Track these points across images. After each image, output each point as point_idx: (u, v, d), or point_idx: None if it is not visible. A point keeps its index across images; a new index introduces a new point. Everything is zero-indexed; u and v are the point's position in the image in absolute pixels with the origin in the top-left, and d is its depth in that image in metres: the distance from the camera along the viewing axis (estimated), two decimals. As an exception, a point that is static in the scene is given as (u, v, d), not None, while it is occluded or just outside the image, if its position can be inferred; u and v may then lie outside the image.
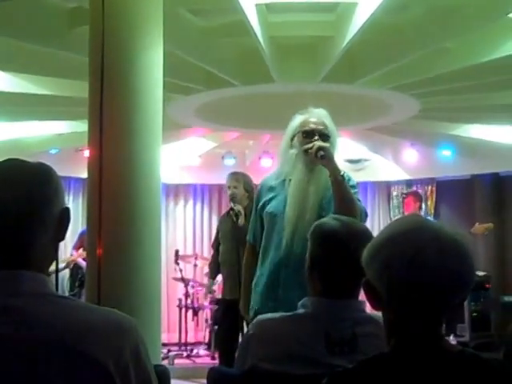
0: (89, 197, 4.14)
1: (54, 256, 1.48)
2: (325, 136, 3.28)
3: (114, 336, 1.39)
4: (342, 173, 3.17)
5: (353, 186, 3.26)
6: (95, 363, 1.34)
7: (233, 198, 5.69)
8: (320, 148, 3.16)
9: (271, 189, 3.38)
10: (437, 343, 1.43)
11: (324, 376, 1.46)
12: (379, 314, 1.53)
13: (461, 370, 1.38)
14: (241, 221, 5.52)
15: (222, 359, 5.68)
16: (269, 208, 3.33)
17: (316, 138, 3.23)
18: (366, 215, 3.32)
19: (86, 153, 4.42)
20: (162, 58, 4.19)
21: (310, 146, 3.20)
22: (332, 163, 3.17)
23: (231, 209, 5.69)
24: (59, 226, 1.45)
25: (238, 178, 5.81)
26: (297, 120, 3.40)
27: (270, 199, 3.35)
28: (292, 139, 3.36)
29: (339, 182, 3.13)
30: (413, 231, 1.45)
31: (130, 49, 4.06)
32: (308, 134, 3.27)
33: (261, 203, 3.41)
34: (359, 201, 3.26)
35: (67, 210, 1.47)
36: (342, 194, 3.11)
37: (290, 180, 3.29)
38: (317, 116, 3.37)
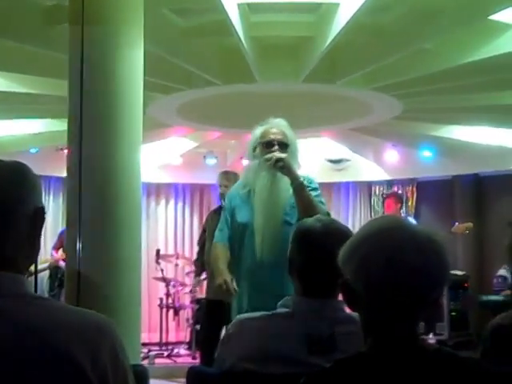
0: (68, 197, 4.12)
1: (32, 256, 1.47)
2: (284, 145, 3.42)
3: (92, 337, 1.38)
4: (301, 180, 3.30)
5: (315, 189, 3.41)
6: (73, 364, 1.33)
7: (223, 197, 5.64)
8: (278, 159, 3.28)
9: (239, 198, 3.49)
10: (413, 342, 1.43)
11: (303, 375, 1.47)
12: None
13: (437, 369, 1.39)
14: None
15: (204, 360, 5.65)
16: (238, 218, 3.44)
17: (276, 147, 3.35)
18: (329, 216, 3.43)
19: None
20: (142, 56, 4.17)
21: (269, 156, 3.32)
22: (291, 172, 3.30)
23: (221, 207, 5.67)
24: (33, 225, 1.44)
25: (228, 177, 5.79)
26: (257, 131, 3.50)
27: (239, 209, 3.47)
28: (254, 150, 3.47)
29: (300, 190, 3.28)
30: (389, 230, 1.46)
31: (109, 47, 4.04)
32: (268, 145, 3.39)
33: (230, 213, 3.52)
34: (322, 203, 3.41)
35: (42, 209, 1.46)
36: (304, 201, 3.26)
37: (254, 190, 3.42)
38: (276, 126, 3.50)
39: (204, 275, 6.30)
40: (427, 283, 1.41)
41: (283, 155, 3.33)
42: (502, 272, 7.94)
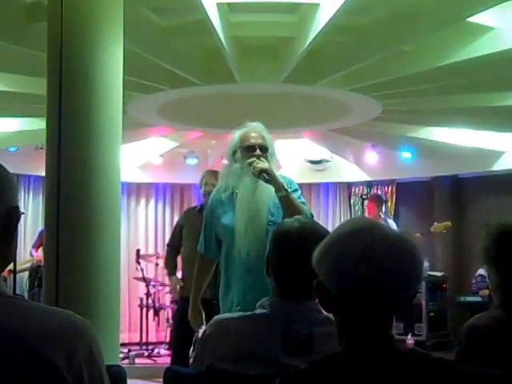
0: (47, 196, 4.10)
1: (8, 256, 1.46)
2: (264, 149, 3.44)
3: (67, 337, 1.38)
4: (285, 187, 3.34)
5: (295, 190, 3.44)
6: (48, 364, 1.33)
7: (208, 195, 5.64)
8: (262, 170, 3.31)
9: (222, 202, 3.51)
10: (387, 343, 1.44)
11: (280, 376, 1.46)
12: None
13: (410, 370, 1.40)
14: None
15: (176, 359, 5.60)
16: (224, 221, 3.46)
17: (257, 151, 3.39)
18: (312, 216, 3.48)
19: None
20: (121, 55, 4.16)
21: (252, 160, 3.35)
22: (275, 181, 3.33)
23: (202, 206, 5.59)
24: (7, 224, 1.43)
25: (216, 176, 5.77)
26: (236, 135, 3.52)
27: (223, 212, 3.49)
28: (234, 154, 3.49)
29: (286, 198, 3.32)
30: (361, 230, 1.47)
31: (89, 46, 4.02)
32: (249, 149, 3.42)
33: (214, 217, 3.54)
34: (304, 203, 3.47)
35: (16, 208, 1.45)
36: (290, 207, 3.29)
37: (236, 193, 3.45)
38: (255, 130, 3.50)
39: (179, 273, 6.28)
40: (399, 283, 1.42)
41: (266, 165, 3.35)
42: (481, 271, 8.02)
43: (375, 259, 1.40)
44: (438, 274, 8.96)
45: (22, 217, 1.59)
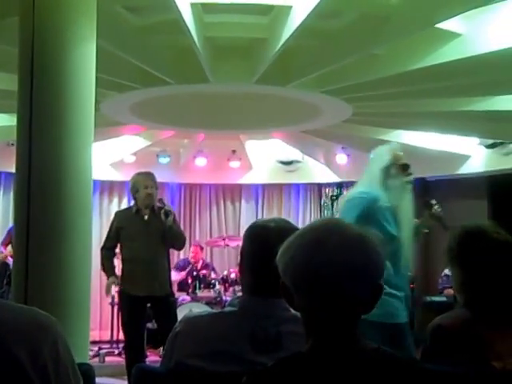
0: (17, 193, 4.08)
1: None
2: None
3: (32, 335, 1.39)
4: None
5: None
6: (11, 361, 1.34)
7: (152, 198, 5.76)
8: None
9: (382, 210, 3.89)
10: (351, 342, 1.46)
11: (248, 373, 1.50)
12: None
13: (374, 368, 1.43)
14: (170, 220, 5.64)
15: (129, 360, 5.53)
16: (389, 229, 3.87)
17: (410, 171, 3.99)
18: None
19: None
20: (94, 53, 4.16)
21: (410, 178, 4.01)
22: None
23: (139, 209, 5.78)
24: None
25: (153, 178, 5.89)
26: (385, 152, 4.07)
27: (385, 220, 3.89)
28: (387, 169, 3.98)
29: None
30: (321, 228, 1.51)
31: (61, 43, 4.02)
32: (404, 167, 4.01)
33: (373, 219, 3.82)
34: None
35: None
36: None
37: (397, 206, 3.95)
38: (399, 150, 4.07)
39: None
40: (354, 279, 1.44)
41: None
42: (447, 271, 8.13)
43: (328, 254, 1.42)
44: (406, 274, 9.05)
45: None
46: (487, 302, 2.18)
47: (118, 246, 5.94)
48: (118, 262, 6.13)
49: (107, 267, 6.01)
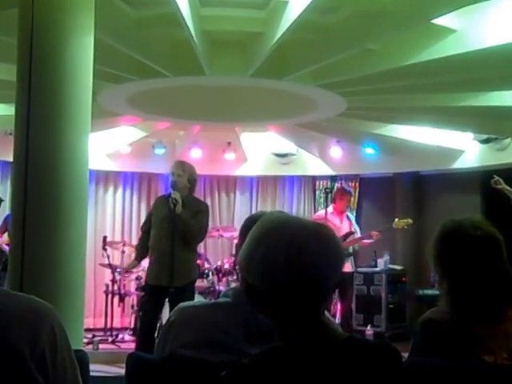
0: (14, 182, 4.12)
1: None
2: None
3: (30, 322, 1.41)
4: None
5: None
6: (10, 349, 1.36)
7: (173, 185, 5.60)
8: None
9: None
10: (323, 332, 1.50)
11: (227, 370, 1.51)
12: None
13: (348, 356, 1.46)
14: (178, 208, 5.45)
15: (140, 345, 5.63)
16: None
17: None
18: None
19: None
20: (92, 45, 4.19)
21: None
22: None
23: (169, 195, 5.60)
24: None
25: (184, 168, 5.73)
26: None
27: None
28: None
29: None
30: (284, 223, 1.54)
31: (60, 34, 4.06)
32: None
33: None
34: None
35: None
36: None
37: None
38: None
39: (145, 261, 6.30)
40: (326, 268, 1.48)
41: None
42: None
43: (303, 245, 1.46)
44: (398, 267, 9.11)
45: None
46: (468, 299, 2.21)
47: None
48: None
49: (136, 249, 6.14)
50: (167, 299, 5.63)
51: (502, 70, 5.63)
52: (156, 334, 5.54)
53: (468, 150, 8.76)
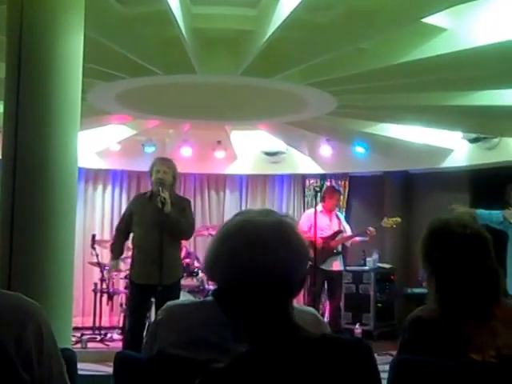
0: (2, 179, 4.09)
1: None
2: None
3: (18, 320, 1.41)
4: None
5: None
6: None
7: (162, 184, 5.52)
8: None
9: None
10: (294, 332, 1.48)
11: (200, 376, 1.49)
12: None
13: (321, 354, 1.45)
14: (167, 208, 5.41)
15: (128, 345, 5.57)
16: None
17: None
18: None
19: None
20: (82, 42, 4.17)
21: None
22: None
23: (156, 194, 5.53)
24: None
25: (169, 164, 5.68)
26: None
27: None
28: None
29: None
30: (244, 222, 1.52)
31: (49, 31, 4.03)
32: None
33: None
34: None
35: None
36: None
37: None
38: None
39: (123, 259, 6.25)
40: (290, 264, 1.47)
41: None
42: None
43: (265, 244, 1.45)
44: (387, 266, 9.15)
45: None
46: (456, 297, 2.22)
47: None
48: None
49: (113, 249, 5.97)
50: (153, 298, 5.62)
51: (492, 69, 5.65)
52: (144, 334, 5.51)
53: (457, 149, 8.80)
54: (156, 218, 5.45)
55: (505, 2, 4.73)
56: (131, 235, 5.84)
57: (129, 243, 6.07)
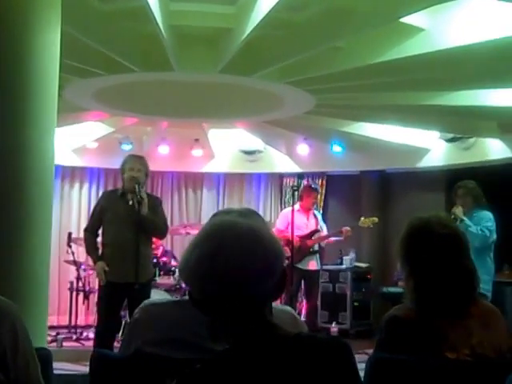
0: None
1: None
2: None
3: None
4: None
5: None
6: None
7: (138, 182, 5.41)
8: None
9: None
10: (271, 331, 1.48)
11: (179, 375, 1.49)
12: None
13: (298, 352, 1.45)
14: (144, 209, 5.35)
15: (98, 341, 5.47)
16: None
17: None
18: None
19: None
20: (58, 38, 4.12)
21: None
22: None
23: (128, 191, 5.47)
24: None
25: (142, 162, 5.59)
26: None
27: None
28: None
29: None
30: (218, 226, 1.51)
31: (25, 27, 3.98)
32: None
33: None
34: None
35: None
36: None
37: None
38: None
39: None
40: (263, 268, 1.45)
41: None
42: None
43: (229, 255, 1.43)
44: (363, 265, 9.19)
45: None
46: (433, 296, 2.23)
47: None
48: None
49: (92, 251, 5.65)
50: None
51: (469, 70, 5.70)
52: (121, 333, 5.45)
53: (434, 149, 8.88)
54: (130, 216, 5.38)
55: (481, 2, 4.76)
56: (100, 233, 5.69)
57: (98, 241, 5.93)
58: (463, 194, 5.85)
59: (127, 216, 5.42)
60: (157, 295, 6.93)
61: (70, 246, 8.07)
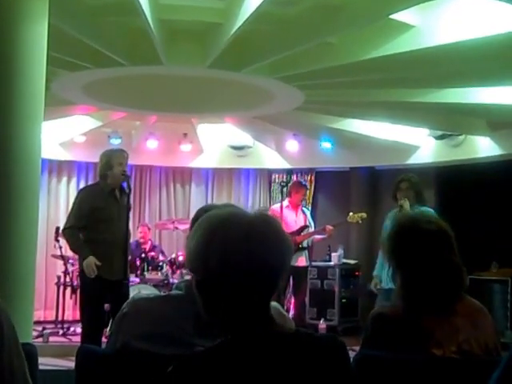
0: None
1: None
2: None
3: None
4: None
5: None
6: None
7: (128, 178, 5.42)
8: None
9: None
10: (270, 327, 1.49)
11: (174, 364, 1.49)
12: None
13: (295, 349, 1.46)
14: (130, 203, 5.41)
15: (86, 337, 5.48)
16: None
17: None
18: None
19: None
20: (46, 31, 4.10)
21: None
22: None
23: (118, 187, 5.49)
24: None
25: (127, 156, 5.57)
26: None
27: None
28: None
29: None
30: (233, 216, 1.52)
31: (12, 20, 3.97)
32: None
33: None
34: None
35: None
36: None
37: None
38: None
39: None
40: (279, 259, 1.48)
41: None
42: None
43: (260, 237, 1.46)
44: (352, 261, 9.20)
45: None
46: (420, 293, 2.23)
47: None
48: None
49: (81, 247, 5.51)
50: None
51: (459, 67, 5.71)
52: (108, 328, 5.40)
53: (423, 146, 8.89)
54: (123, 214, 5.39)
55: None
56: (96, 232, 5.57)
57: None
58: (406, 187, 5.77)
59: (120, 214, 5.43)
60: (145, 290, 6.91)
61: (57, 241, 8.02)
